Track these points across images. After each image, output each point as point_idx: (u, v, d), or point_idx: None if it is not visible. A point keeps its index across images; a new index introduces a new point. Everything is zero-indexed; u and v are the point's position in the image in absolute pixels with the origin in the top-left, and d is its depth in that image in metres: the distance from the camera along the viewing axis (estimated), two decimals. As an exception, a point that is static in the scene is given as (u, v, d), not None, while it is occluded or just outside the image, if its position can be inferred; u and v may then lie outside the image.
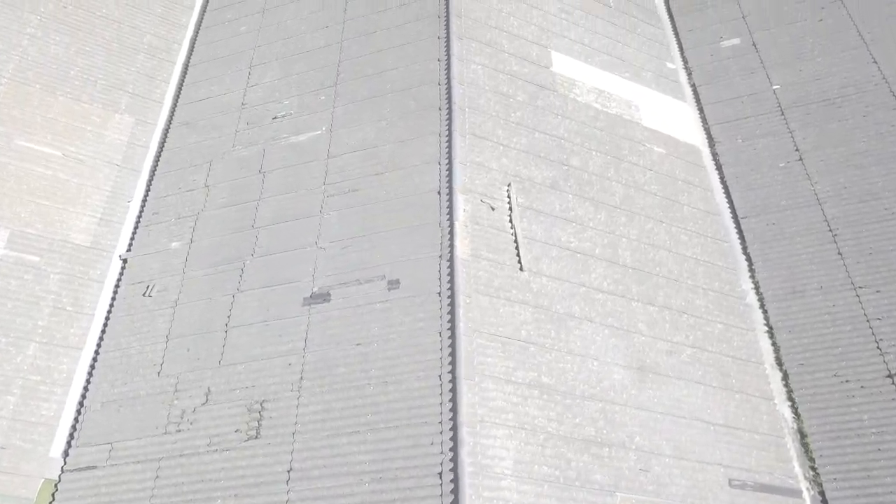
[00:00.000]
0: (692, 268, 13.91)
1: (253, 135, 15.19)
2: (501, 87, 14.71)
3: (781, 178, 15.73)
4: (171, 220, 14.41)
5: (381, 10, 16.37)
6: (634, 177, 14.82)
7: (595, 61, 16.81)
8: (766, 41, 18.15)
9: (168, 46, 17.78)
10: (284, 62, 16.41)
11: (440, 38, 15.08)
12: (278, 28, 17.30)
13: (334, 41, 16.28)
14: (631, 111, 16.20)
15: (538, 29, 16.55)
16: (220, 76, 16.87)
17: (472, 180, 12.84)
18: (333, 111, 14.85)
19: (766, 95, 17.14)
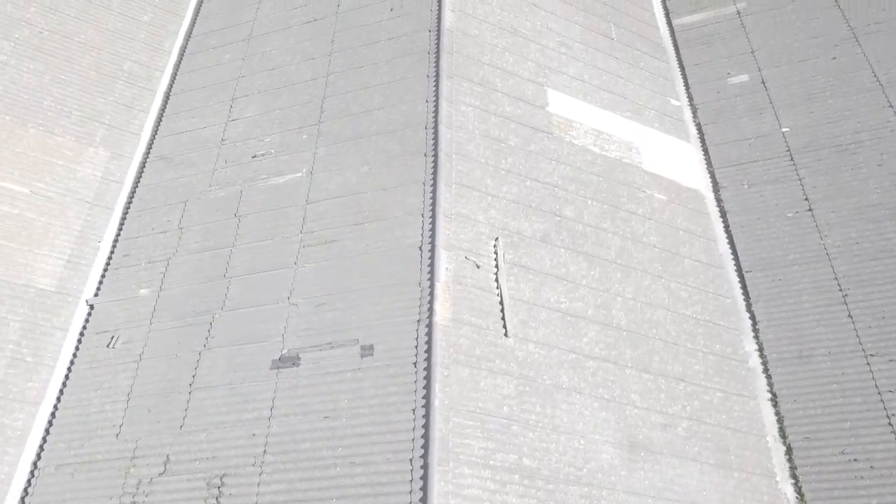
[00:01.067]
0: (691, 328, 13.05)
1: (231, 174, 14.42)
2: (492, 131, 13.89)
3: (789, 230, 14.84)
4: (142, 263, 13.64)
5: (370, 43, 15.59)
6: (632, 227, 13.98)
7: (595, 99, 15.98)
8: (776, 79, 17.28)
9: (149, 74, 17.04)
10: (267, 95, 15.64)
11: (429, 76, 14.29)
12: (263, 58, 16.54)
13: (320, 74, 15.50)
14: (631, 154, 15.37)
15: (535, 65, 15.72)
16: (202, 108, 16.11)
17: (457, 234, 12.03)
18: (315, 152, 14.06)
19: (775, 138, 16.27)
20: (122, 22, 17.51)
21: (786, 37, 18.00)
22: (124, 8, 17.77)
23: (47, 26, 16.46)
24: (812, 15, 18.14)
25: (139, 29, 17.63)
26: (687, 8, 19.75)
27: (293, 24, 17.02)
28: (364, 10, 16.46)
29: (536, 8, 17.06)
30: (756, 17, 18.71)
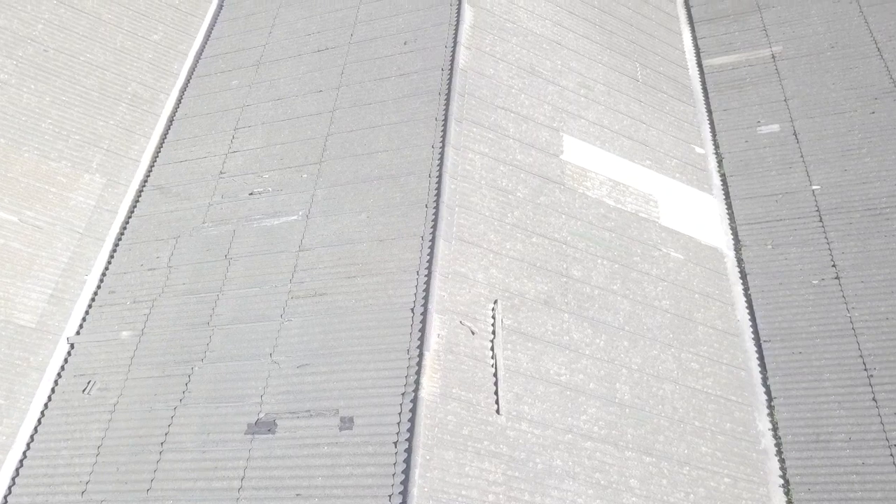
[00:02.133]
0: (701, 404, 12.18)
1: (226, 210, 13.82)
2: (500, 181, 13.13)
3: (813, 298, 13.89)
4: (127, 302, 13.08)
5: (379, 79, 14.91)
6: (644, 289, 13.13)
7: (613, 146, 15.15)
8: (809, 131, 16.30)
9: (153, 97, 16.52)
10: (271, 128, 15.01)
11: (437, 119, 13.56)
12: (270, 86, 15.93)
13: (326, 109, 14.85)
14: (648, 207, 14.51)
15: (552, 108, 14.93)
16: (204, 136, 15.55)
17: (453, 296, 11.29)
18: (314, 193, 13.40)
19: (804, 196, 15.31)
20: (132, 41, 17.02)
21: (822, 86, 17.01)
22: (135, 26, 17.28)
23: (53, 44, 16.01)
24: (851, 63, 17.13)
25: (148, 49, 17.13)
26: (719, 48, 18.81)
27: (304, 51, 16.40)
28: (377, 41, 15.79)
29: (559, 46, 16.27)
30: (791, 63, 17.74)
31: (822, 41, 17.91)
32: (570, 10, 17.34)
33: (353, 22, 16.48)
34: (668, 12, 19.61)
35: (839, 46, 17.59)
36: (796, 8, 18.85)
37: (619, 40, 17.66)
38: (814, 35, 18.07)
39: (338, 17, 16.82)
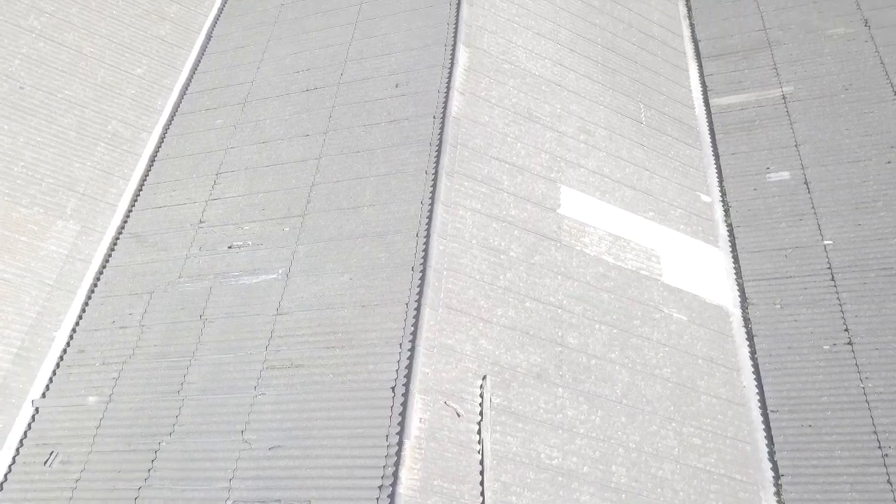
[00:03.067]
0: (703, 485, 11.39)
1: (203, 264, 13.09)
2: (493, 240, 12.38)
3: (825, 366, 13.09)
4: (96, 363, 12.36)
5: (369, 124, 14.17)
6: (644, 356, 12.35)
7: (614, 197, 14.38)
8: (821, 180, 15.50)
9: (134, 136, 15.82)
10: (254, 174, 14.29)
11: (427, 173, 12.82)
12: (256, 128, 15.20)
13: (312, 155, 14.12)
14: (650, 264, 13.73)
15: (549, 157, 14.17)
16: (185, 179, 14.84)
17: (438, 373, 10.53)
18: (295, 250, 12.67)
19: (815, 252, 14.51)
20: (114, 76, 16.34)
21: (835, 131, 16.20)
22: (118, 60, 16.60)
23: (30, 81, 15.33)
24: (867, 108, 16.32)
25: (130, 84, 16.43)
26: (727, 87, 18.03)
27: (292, 90, 15.68)
28: (368, 82, 15.06)
29: (559, 87, 15.51)
30: (803, 105, 16.93)
31: (835, 82, 17.11)
32: (571, 47, 16.58)
33: (344, 59, 15.76)
34: (674, 47, 18.84)
35: (854, 89, 16.79)
36: (809, 46, 18.06)
37: (623, 79, 16.89)
38: (827, 75, 17.27)
39: (328, 54, 16.10)
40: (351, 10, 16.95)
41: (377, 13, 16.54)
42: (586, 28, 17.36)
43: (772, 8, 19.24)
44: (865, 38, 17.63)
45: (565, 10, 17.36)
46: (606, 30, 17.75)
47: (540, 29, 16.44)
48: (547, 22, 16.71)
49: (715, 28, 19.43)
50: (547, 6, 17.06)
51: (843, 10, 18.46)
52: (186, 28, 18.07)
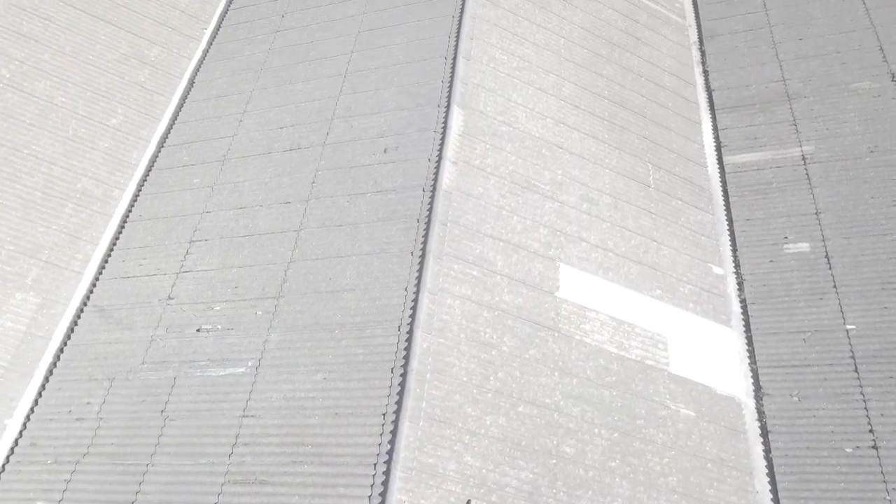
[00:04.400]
0: None
1: (169, 349, 12.04)
2: (483, 333, 11.27)
3: (847, 471, 11.91)
4: (48, 461, 11.32)
5: (354, 194, 13.09)
6: (648, 464, 11.22)
7: (618, 274, 13.25)
8: (843, 255, 14.32)
9: (106, 194, 14.80)
10: (229, 244, 13.24)
11: (413, 255, 11.72)
12: (233, 190, 14.16)
13: (291, 226, 13.06)
14: (656, 351, 12.60)
15: (548, 232, 13.06)
16: (156, 246, 13.80)
17: (416, 500, 9.43)
18: (267, 338, 11.60)
19: (837, 337, 13.33)
20: (86, 127, 15.33)
21: (859, 199, 15.01)
22: (91, 110, 15.59)
23: (-5, 135, 14.35)
24: (894, 173, 15.14)
25: (104, 136, 15.42)
26: (742, 143, 16.86)
27: (275, 148, 14.63)
28: (355, 144, 13.98)
29: (560, 150, 14.41)
30: (824, 167, 15.77)
31: (859, 143, 15.93)
32: (575, 103, 15.47)
33: (331, 116, 14.69)
34: (686, 97, 17.69)
35: (879, 151, 15.61)
36: (831, 100, 16.88)
37: (631, 137, 15.76)
38: (850, 135, 16.09)
39: (314, 109, 15.04)
40: (340, 59, 15.89)
41: (367, 65, 15.49)
42: (592, 80, 16.24)
43: (791, 56, 18.08)
44: (893, 94, 16.45)
45: (570, 62, 16.25)
46: (614, 81, 16.63)
47: (542, 84, 15.33)
48: (550, 75, 15.60)
49: (730, 77, 18.28)
50: (551, 58, 15.96)
51: (868, 62, 17.28)
52: (168, 73, 17.05)
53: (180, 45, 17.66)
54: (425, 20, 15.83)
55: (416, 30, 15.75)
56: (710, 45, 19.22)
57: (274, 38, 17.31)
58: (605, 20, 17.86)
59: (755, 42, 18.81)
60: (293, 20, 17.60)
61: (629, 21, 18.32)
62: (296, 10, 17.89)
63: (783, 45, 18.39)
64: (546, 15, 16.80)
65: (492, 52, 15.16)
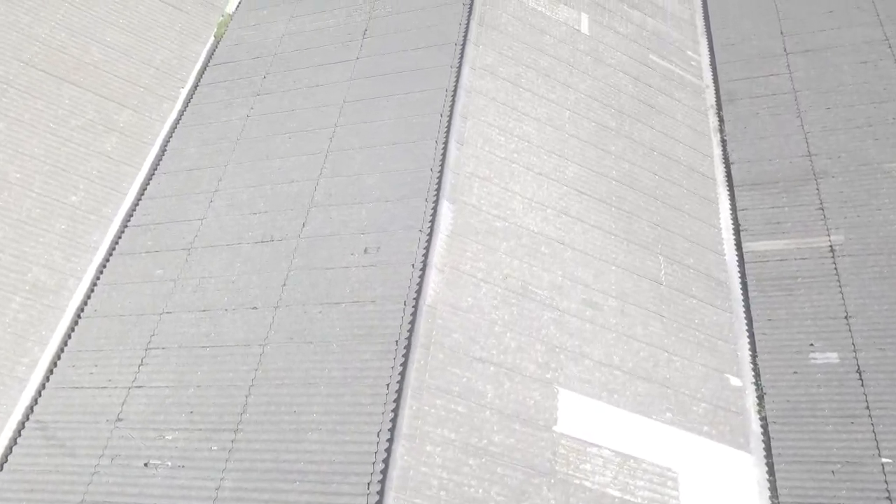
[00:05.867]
0: None
1: (112, 484, 10.62)
2: (468, 488, 9.79)
3: None
4: None
5: (328, 303, 11.63)
6: None
7: (624, 396, 11.77)
8: (877, 370, 12.79)
9: (60, 285, 13.42)
10: (188, 357, 11.83)
11: (390, 388, 10.27)
12: (197, 288, 12.74)
13: (257, 339, 11.62)
14: (665, 491, 11.11)
15: (546, 349, 11.59)
16: (109, 350, 12.40)
17: None
18: (222, 479, 10.16)
19: (870, 471, 11.80)
20: (42, 207, 13.96)
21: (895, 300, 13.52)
22: (48, 187, 14.22)
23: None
24: (933, 273, 13.64)
25: (62, 216, 14.05)
26: (764, 227, 15.35)
27: (245, 238, 13.21)
28: (333, 240, 12.55)
29: (562, 246, 12.93)
30: (855, 262, 14.23)
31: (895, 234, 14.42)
32: (579, 188, 14.00)
33: (308, 203, 13.28)
34: (703, 172, 16.20)
35: (917, 244, 14.10)
36: (862, 182, 15.34)
37: (641, 224, 14.28)
38: (885, 224, 14.56)
39: (291, 193, 13.62)
40: (322, 134, 14.48)
41: (351, 142, 14.07)
42: (599, 158, 14.77)
43: (818, 128, 16.55)
44: (931, 178, 14.95)
45: (575, 137, 14.79)
46: (623, 158, 15.15)
47: (543, 167, 13.87)
48: (552, 156, 14.14)
49: (750, 149, 16.76)
50: (554, 135, 14.50)
51: (903, 138, 15.78)
52: (138, 140, 15.67)
53: (153, 108, 16.28)
54: (416, 93, 14.41)
55: (405, 104, 14.33)
56: (728, 110, 17.70)
57: (253, 103, 15.91)
58: (614, 86, 16.39)
59: (778, 109, 17.29)
60: (274, 82, 16.20)
61: (641, 86, 16.85)
62: (278, 70, 16.50)
63: (809, 113, 16.87)
64: (550, 84, 15.34)
65: (488, 132, 13.72)
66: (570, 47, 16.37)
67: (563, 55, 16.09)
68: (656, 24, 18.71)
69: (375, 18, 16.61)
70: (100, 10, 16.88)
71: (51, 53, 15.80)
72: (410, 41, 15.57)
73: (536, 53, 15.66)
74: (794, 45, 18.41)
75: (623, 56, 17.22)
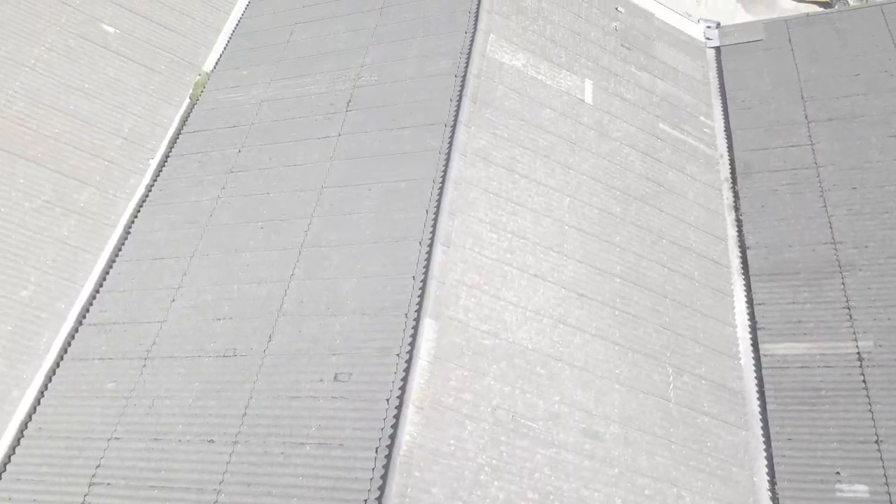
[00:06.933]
0: None
1: None
2: None
3: None
4: None
5: (291, 441, 10.26)
6: None
7: (627, 548, 10.38)
8: (913, 509, 11.40)
9: (2, 398, 12.12)
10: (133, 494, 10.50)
11: (355, 564, 8.92)
12: (150, 411, 11.39)
13: (209, 484, 10.27)
14: None
15: (539, 497, 10.18)
16: (49, 483, 11.08)
17: None
18: None
19: None
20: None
21: (931, 426, 12.09)
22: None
23: None
24: (974, 394, 12.20)
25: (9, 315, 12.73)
26: (783, 327, 13.90)
27: (207, 350, 11.86)
28: (300, 360, 11.19)
29: (560, 365, 11.52)
30: (887, 374, 12.77)
31: (930, 343, 13.00)
32: (580, 290, 12.62)
33: (277, 312, 11.94)
34: (716, 259, 14.79)
35: (954, 357, 12.67)
36: (893, 278, 13.89)
37: (647, 329, 12.88)
38: (918, 331, 13.16)
39: (260, 297, 12.28)
40: (297, 225, 13.13)
41: (329, 238, 12.71)
42: (602, 252, 13.39)
43: (843, 211, 15.11)
44: (971, 277, 13.51)
45: (576, 229, 13.42)
46: (629, 249, 13.77)
47: (540, 268, 12.51)
48: (550, 254, 12.78)
49: (768, 231, 15.32)
50: (552, 228, 13.13)
51: (939, 229, 14.34)
52: (99, 222, 14.37)
53: (118, 184, 14.99)
54: (401, 182, 13.06)
55: (389, 194, 12.98)
56: (744, 185, 16.28)
57: (226, 181, 14.60)
58: (620, 163, 15.01)
59: (799, 186, 15.86)
60: (250, 157, 14.88)
61: (650, 161, 15.46)
62: (255, 143, 15.17)
63: (833, 193, 15.45)
64: (549, 166, 13.97)
65: (478, 230, 12.35)
66: (572, 121, 15.00)
67: (565, 131, 14.72)
68: (667, 87, 17.32)
69: (361, 87, 15.28)
70: (64, 74, 15.61)
71: (6, 126, 14.54)
72: (397, 118, 14.23)
73: (535, 131, 14.30)
74: (817, 111, 16.99)
75: (630, 127, 15.83)
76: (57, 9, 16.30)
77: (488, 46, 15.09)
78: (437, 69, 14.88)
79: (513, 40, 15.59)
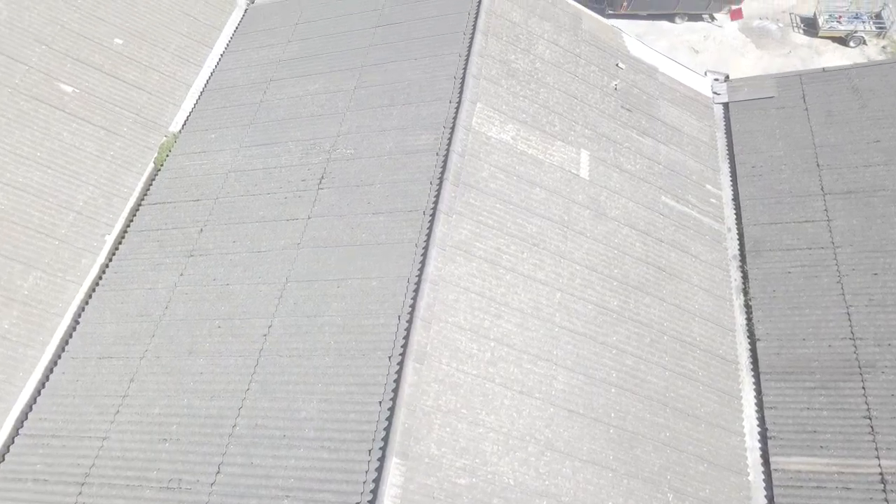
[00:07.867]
0: None
1: None
2: None
3: None
4: None
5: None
6: None
7: None
8: None
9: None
10: None
11: None
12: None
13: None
14: None
15: None
16: None
17: None
18: None
19: None
20: None
21: (964, 570, 10.73)
22: None
23: None
24: None
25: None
26: (796, 438, 12.54)
27: (148, 479, 10.55)
28: (248, 502, 9.90)
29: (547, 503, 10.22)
30: (912, 502, 11.46)
31: (961, 466, 11.63)
32: (570, 406, 11.27)
33: (229, 437, 10.63)
34: (722, 355, 13.43)
35: None
36: (919, 385, 12.54)
37: (646, 447, 11.52)
38: (948, 449, 11.79)
39: (211, 417, 10.96)
40: (258, 326, 11.83)
41: (290, 347, 11.39)
42: (596, 356, 12.05)
43: (864, 301, 13.74)
44: None
45: (567, 329, 12.07)
46: (627, 351, 12.42)
47: (525, 381, 11.18)
48: (538, 362, 11.44)
49: (780, 322, 13.95)
50: (540, 330, 11.79)
51: (969, 328, 12.95)
52: (45, 311, 13.11)
53: (68, 266, 13.72)
54: (372, 280, 11.75)
55: (358, 296, 11.66)
56: (754, 265, 14.91)
57: (185, 267, 13.32)
58: (618, 247, 13.67)
59: (814, 268, 14.50)
60: (212, 239, 13.59)
61: (651, 242, 14.11)
62: (218, 221, 13.87)
63: (852, 279, 14.08)
64: (539, 256, 12.64)
65: (456, 341, 11.02)
66: (565, 200, 13.67)
67: (557, 213, 13.39)
68: (670, 153, 15.97)
69: (335, 161, 13.97)
70: (13, 143, 14.35)
71: (-55, 205, 13.30)
72: (373, 202, 12.92)
73: (524, 216, 12.97)
74: (833, 182, 15.61)
75: (629, 202, 14.49)
76: (9, 68, 15.05)
77: (474, 118, 13.77)
78: (417, 144, 13.57)
79: (501, 109, 14.27)
